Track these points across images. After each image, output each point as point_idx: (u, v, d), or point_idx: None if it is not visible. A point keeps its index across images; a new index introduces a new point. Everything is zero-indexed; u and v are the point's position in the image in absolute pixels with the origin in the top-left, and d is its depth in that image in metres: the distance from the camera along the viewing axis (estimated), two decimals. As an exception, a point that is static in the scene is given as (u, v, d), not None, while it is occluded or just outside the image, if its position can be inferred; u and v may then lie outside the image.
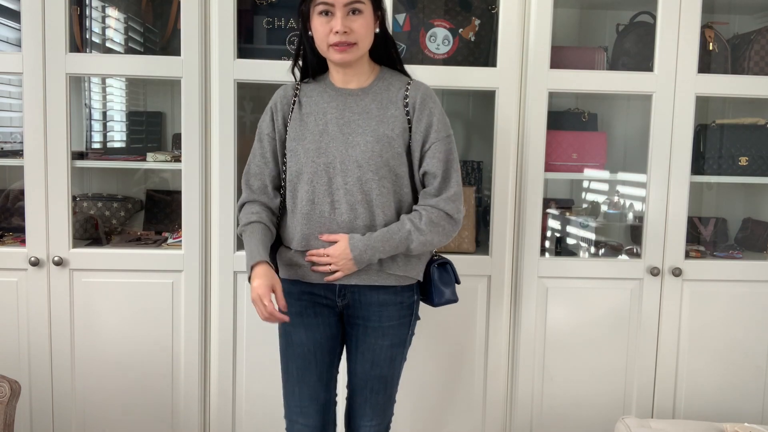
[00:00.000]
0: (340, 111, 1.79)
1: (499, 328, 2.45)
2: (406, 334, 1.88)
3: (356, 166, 1.74)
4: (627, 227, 2.68)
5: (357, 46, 1.72)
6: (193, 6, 2.26)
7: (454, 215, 1.79)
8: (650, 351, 2.47)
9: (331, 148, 1.76)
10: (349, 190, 1.75)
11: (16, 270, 2.32)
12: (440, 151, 1.78)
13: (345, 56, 1.73)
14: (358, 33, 1.71)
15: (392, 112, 1.78)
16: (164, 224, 2.65)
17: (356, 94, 1.80)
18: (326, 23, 1.71)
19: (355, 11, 1.71)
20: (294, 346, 1.86)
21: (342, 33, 1.69)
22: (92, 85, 2.71)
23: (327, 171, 1.76)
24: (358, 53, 1.74)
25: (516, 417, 2.48)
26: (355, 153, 1.75)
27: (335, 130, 1.77)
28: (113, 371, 2.38)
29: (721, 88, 2.41)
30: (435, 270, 1.87)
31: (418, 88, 1.80)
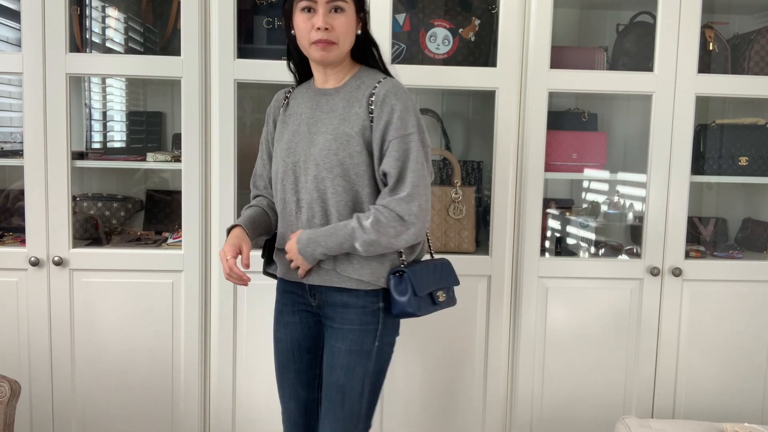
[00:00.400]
0: (311, 110, 1.78)
1: (499, 328, 2.45)
2: (370, 344, 1.76)
3: (314, 164, 1.73)
4: (627, 227, 2.68)
5: (337, 45, 1.71)
6: (193, 6, 2.26)
7: (405, 217, 1.67)
8: (650, 351, 2.47)
9: (299, 147, 1.77)
10: (308, 188, 1.74)
11: (16, 270, 2.32)
12: (396, 150, 1.69)
13: (325, 54, 1.71)
14: (339, 31, 1.70)
15: (356, 110, 1.73)
16: (164, 224, 2.65)
17: (329, 94, 1.78)
18: (308, 20, 1.70)
19: (338, 9, 1.69)
20: (276, 343, 1.91)
21: (323, 30, 1.68)
22: (92, 85, 2.71)
23: (294, 170, 1.77)
24: (338, 52, 1.72)
25: (516, 417, 2.48)
26: (315, 151, 1.73)
27: (304, 130, 1.77)
28: (113, 371, 2.38)
29: (721, 88, 2.41)
30: (391, 278, 1.74)
31: (384, 86, 1.73)
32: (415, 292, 1.73)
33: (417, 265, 1.78)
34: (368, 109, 1.73)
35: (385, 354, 1.81)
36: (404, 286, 1.73)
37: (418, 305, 1.74)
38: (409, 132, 1.70)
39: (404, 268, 1.74)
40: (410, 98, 1.73)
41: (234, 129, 2.31)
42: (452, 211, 2.46)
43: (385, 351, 1.80)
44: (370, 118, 1.72)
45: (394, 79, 1.79)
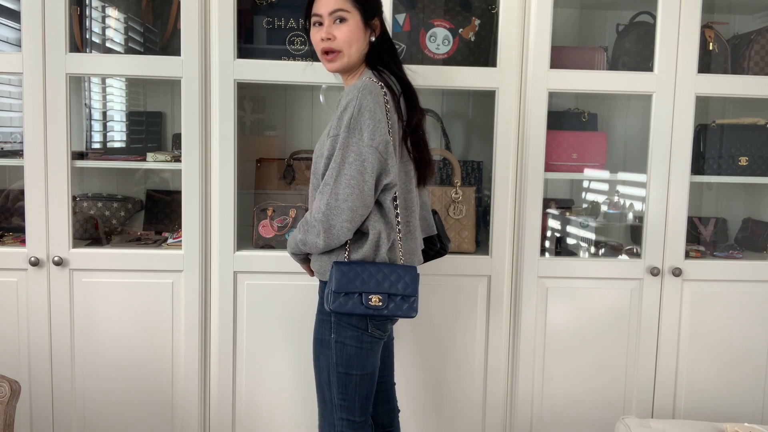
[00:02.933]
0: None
1: (499, 328, 2.45)
2: (328, 335, 1.80)
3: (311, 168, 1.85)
4: (627, 227, 2.68)
5: (341, 54, 1.79)
6: (193, 6, 2.26)
7: (315, 215, 1.71)
8: (650, 351, 2.47)
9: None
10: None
11: (16, 270, 2.32)
12: (325, 149, 1.74)
13: (331, 65, 1.81)
14: (341, 40, 1.77)
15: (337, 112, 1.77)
16: (164, 224, 2.65)
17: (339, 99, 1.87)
18: (317, 33, 1.81)
19: (341, 20, 1.77)
20: None
21: (326, 40, 1.77)
22: (92, 85, 2.71)
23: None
24: (344, 61, 1.80)
25: (516, 417, 2.48)
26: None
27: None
28: (113, 371, 2.38)
29: (721, 88, 2.41)
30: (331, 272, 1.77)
31: (354, 85, 1.74)
32: (332, 288, 1.72)
33: (356, 263, 1.75)
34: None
35: (349, 348, 1.79)
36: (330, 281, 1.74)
37: (340, 303, 1.72)
38: (339, 132, 1.71)
39: (336, 263, 1.74)
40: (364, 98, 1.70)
41: (234, 129, 2.31)
42: (452, 211, 2.46)
43: (347, 345, 1.78)
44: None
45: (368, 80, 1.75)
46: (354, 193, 1.68)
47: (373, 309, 1.74)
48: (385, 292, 1.74)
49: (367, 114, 1.69)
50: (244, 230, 2.45)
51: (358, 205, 1.69)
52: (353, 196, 1.68)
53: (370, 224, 1.76)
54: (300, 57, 2.38)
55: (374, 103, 1.70)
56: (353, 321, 1.79)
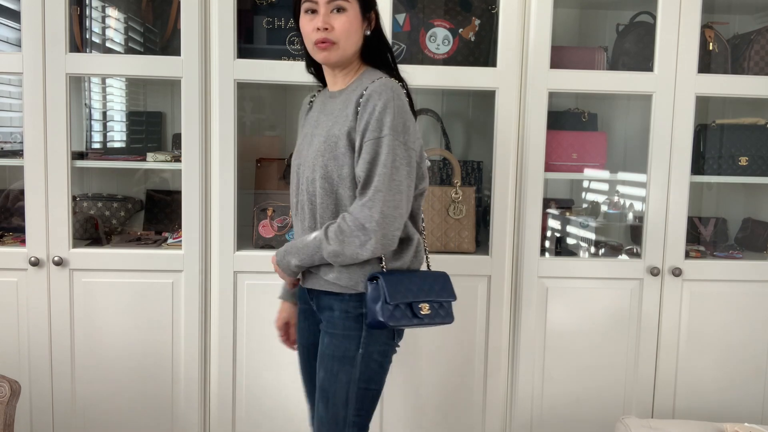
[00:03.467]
0: (318, 113, 1.80)
1: (499, 328, 2.44)
2: (354, 350, 1.69)
3: (309, 167, 1.72)
4: (627, 227, 2.68)
5: (338, 45, 1.67)
6: (193, 6, 2.26)
7: (366, 223, 1.59)
8: (650, 351, 2.47)
9: (302, 150, 1.78)
10: (302, 191, 1.75)
11: (16, 270, 2.32)
12: (367, 152, 1.62)
13: (326, 55, 1.69)
14: (339, 31, 1.66)
15: (346, 111, 1.69)
16: (164, 224, 2.65)
17: (335, 96, 1.77)
18: (310, 21, 1.69)
19: (339, 9, 1.67)
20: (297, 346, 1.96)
21: (322, 30, 1.66)
22: (92, 85, 2.71)
23: (297, 173, 1.79)
24: (339, 53, 1.69)
25: (516, 417, 2.48)
26: (310, 153, 1.72)
27: (309, 132, 1.79)
28: (113, 371, 2.38)
29: (721, 88, 2.41)
30: (367, 284, 1.67)
31: (374, 85, 1.66)
32: (387, 300, 1.62)
33: (399, 273, 1.70)
34: (356, 109, 1.67)
35: (374, 363, 1.71)
36: (376, 293, 1.64)
37: (392, 315, 1.63)
38: (383, 134, 1.62)
39: (379, 273, 1.66)
40: (398, 99, 1.64)
41: (234, 129, 2.31)
42: (452, 211, 2.46)
43: (373, 360, 1.71)
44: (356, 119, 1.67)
45: (389, 79, 1.70)
46: (404, 199, 1.63)
47: (422, 318, 1.68)
48: (432, 300, 1.70)
49: (406, 116, 1.65)
50: (244, 230, 2.45)
51: (406, 212, 1.65)
52: (404, 203, 1.63)
53: (409, 231, 1.72)
54: (300, 57, 2.38)
55: (406, 105, 1.67)
56: (385, 334, 1.71)
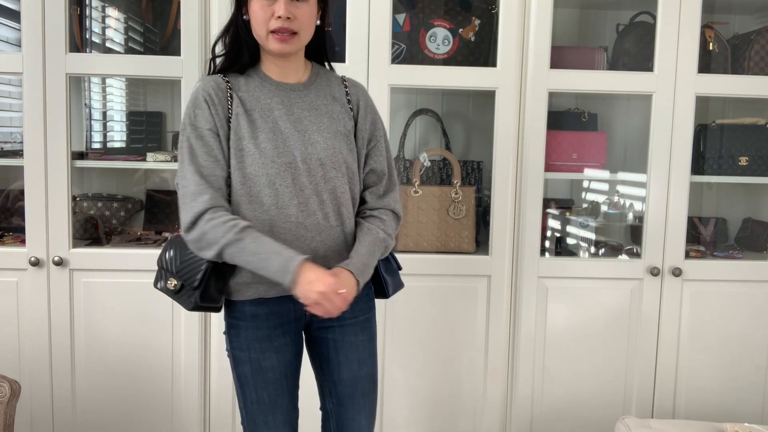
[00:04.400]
0: (286, 107, 1.66)
1: (499, 328, 2.44)
2: (376, 327, 1.82)
3: (319, 164, 1.64)
4: (627, 227, 2.68)
5: (298, 36, 1.61)
6: (193, 6, 2.26)
7: (400, 214, 1.78)
8: (650, 351, 2.47)
9: (289, 146, 1.63)
10: (315, 189, 1.64)
11: (16, 270, 2.32)
12: (385, 149, 1.74)
13: (285, 46, 1.61)
14: (301, 21, 1.60)
15: (338, 109, 1.71)
16: (164, 224, 2.65)
17: (298, 89, 1.69)
18: (267, 6, 1.58)
19: None
20: (264, 372, 1.68)
21: (284, 18, 1.57)
22: (92, 85, 2.71)
23: (291, 171, 1.62)
24: (298, 44, 1.63)
25: (516, 417, 2.48)
26: (316, 150, 1.64)
27: (288, 128, 1.64)
28: (113, 371, 2.38)
29: (721, 88, 2.41)
30: (380, 262, 1.75)
31: (357, 86, 1.77)
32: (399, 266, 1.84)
33: None
34: (348, 108, 1.72)
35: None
36: (391, 265, 1.81)
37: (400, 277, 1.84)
38: (385, 133, 1.79)
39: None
40: None
41: (234, 129, 2.31)
42: (452, 211, 2.46)
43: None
44: (352, 117, 1.72)
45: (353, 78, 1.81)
46: None
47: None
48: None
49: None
50: (244, 230, 2.45)
51: None
52: None
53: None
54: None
55: None
56: None
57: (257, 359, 1.67)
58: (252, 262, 1.55)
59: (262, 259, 1.53)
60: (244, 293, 1.66)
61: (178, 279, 1.63)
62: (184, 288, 1.63)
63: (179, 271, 1.63)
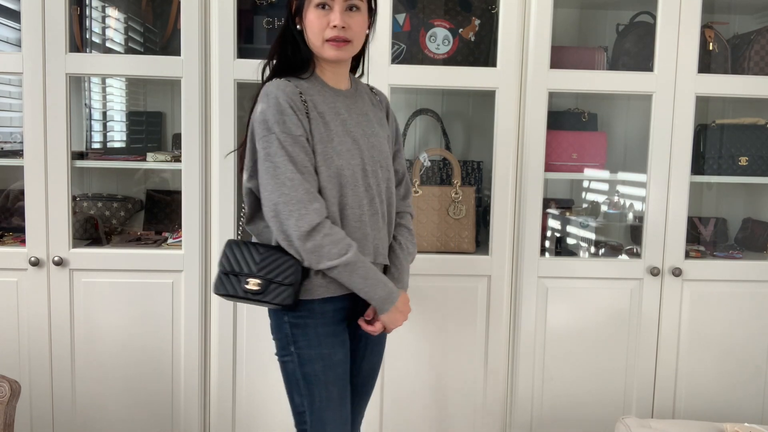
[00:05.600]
0: (348, 111, 1.73)
1: (499, 328, 2.44)
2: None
3: (380, 167, 1.75)
4: (627, 227, 2.68)
5: (352, 44, 1.68)
6: (193, 6, 2.26)
7: (414, 214, 1.94)
8: (650, 351, 2.47)
9: (360, 149, 1.70)
10: (380, 193, 1.74)
11: (16, 270, 2.32)
12: (404, 155, 1.93)
13: (340, 53, 1.68)
14: (355, 30, 1.67)
15: (380, 115, 1.84)
16: (164, 224, 2.65)
17: (350, 96, 1.77)
18: (323, 17, 1.65)
19: (353, 8, 1.67)
20: (335, 368, 1.70)
21: (340, 28, 1.64)
22: (92, 85, 2.71)
23: (363, 174, 1.69)
24: (351, 52, 1.71)
25: (516, 417, 2.48)
26: (378, 154, 1.74)
27: (355, 131, 1.71)
28: (113, 371, 2.38)
29: (721, 88, 2.41)
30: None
31: (381, 94, 1.91)
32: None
33: None
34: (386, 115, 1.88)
35: None
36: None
37: None
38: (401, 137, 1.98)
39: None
40: None
41: (234, 129, 2.31)
42: (452, 211, 2.46)
43: None
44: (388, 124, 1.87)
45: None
46: None
47: None
48: None
49: None
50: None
51: None
52: None
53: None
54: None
55: None
56: None
57: (329, 354, 1.69)
58: (359, 284, 1.65)
59: (371, 285, 1.65)
60: (318, 292, 1.68)
61: (262, 278, 1.64)
62: (271, 286, 1.63)
63: (262, 269, 1.64)
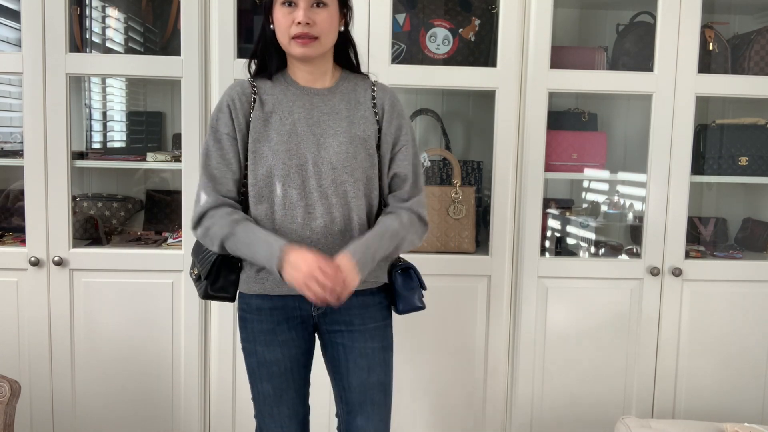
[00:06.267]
0: (307, 110, 1.70)
1: (499, 327, 2.45)
2: (391, 337, 1.81)
3: (330, 168, 1.66)
4: (627, 227, 2.68)
5: (319, 40, 1.65)
6: (193, 6, 2.26)
7: (426, 219, 1.76)
8: (650, 351, 2.47)
9: (302, 148, 1.67)
10: (324, 193, 1.66)
11: (16, 270, 2.32)
12: (410, 154, 1.75)
13: (306, 50, 1.65)
14: (321, 26, 1.64)
15: (362, 113, 1.73)
16: (164, 224, 2.65)
17: (323, 94, 1.72)
18: (288, 14, 1.64)
19: (320, 4, 1.64)
20: (269, 365, 1.73)
21: (304, 24, 1.62)
22: (92, 85, 2.71)
23: (300, 173, 1.66)
24: (319, 48, 1.66)
25: (516, 416, 2.48)
26: (329, 154, 1.67)
27: (305, 131, 1.68)
28: (113, 371, 2.38)
29: (721, 88, 2.41)
30: (398, 276, 1.76)
31: (385, 90, 1.77)
32: (423, 285, 1.80)
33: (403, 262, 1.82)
34: (373, 112, 1.73)
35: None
36: (413, 282, 1.78)
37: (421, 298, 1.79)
38: (412, 137, 1.78)
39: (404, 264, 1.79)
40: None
41: (234, 129, 2.31)
42: (452, 211, 2.46)
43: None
44: (377, 122, 1.74)
45: (383, 83, 1.81)
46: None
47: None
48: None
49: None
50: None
51: None
52: None
53: None
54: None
55: None
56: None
57: (262, 352, 1.73)
58: (245, 253, 1.63)
59: (252, 248, 1.61)
60: (251, 287, 1.73)
61: (198, 269, 1.75)
62: (201, 277, 1.74)
63: (199, 262, 1.75)
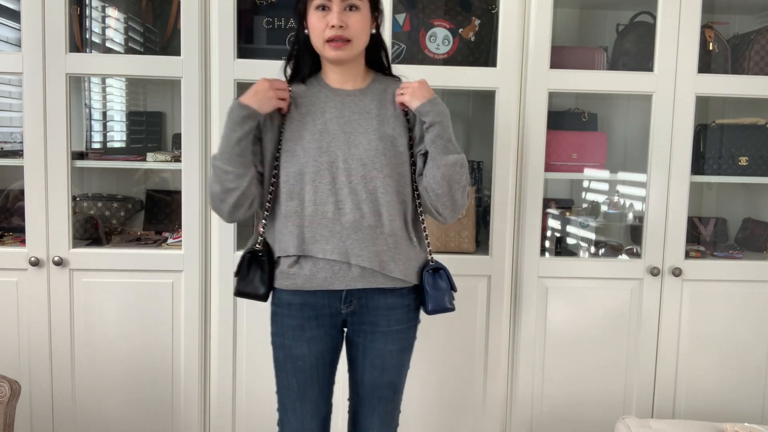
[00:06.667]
0: (339, 110, 1.76)
1: (499, 328, 2.44)
2: (413, 338, 1.86)
3: (360, 164, 1.71)
4: (627, 227, 2.68)
5: (352, 43, 1.70)
6: (193, 6, 2.26)
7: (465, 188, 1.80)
8: (650, 351, 2.47)
9: (333, 146, 1.72)
10: (354, 189, 1.71)
11: (16, 270, 2.32)
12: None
13: (340, 53, 1.70)
14: (354, 29, 1.69)
15: (391, 112, 1.78)
16: (164, 224, 2.65)
17: (354, 95, 1.78)
18: (322, 18, 1.69)
19: (352, 7, 1.69)
20: (295, 360, 1.77)
21: (338, 27, 1.67)
22: (92, 85, 2.71)
23: (330, 170, 1.71)
24: (352, 51, 1.72)
25: (515, 417, 2.48)
26: (358, 151, 1.72)
27: (335, 129, 1.74)
28: (113, 371, 2.38)
29: (721, 88, 2.41)
30: (428, 275, 1.79)
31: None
32: (453, 287, 1.83)
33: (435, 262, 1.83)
34: (403, 111, 1.79)
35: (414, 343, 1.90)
36: (443, 282, 1.81)
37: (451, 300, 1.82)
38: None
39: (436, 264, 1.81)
40: None
41: (234, 129, 2.31)
42: (452, 211, 2.46)
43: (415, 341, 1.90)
44: (407, 121, 1.79)
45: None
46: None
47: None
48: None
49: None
50: (244, 230, 2.45)
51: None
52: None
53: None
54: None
55: None
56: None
57: (289, 346, 1.78)
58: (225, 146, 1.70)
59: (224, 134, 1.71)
60: (282, 282, 1.76)
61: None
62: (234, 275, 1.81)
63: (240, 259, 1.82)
